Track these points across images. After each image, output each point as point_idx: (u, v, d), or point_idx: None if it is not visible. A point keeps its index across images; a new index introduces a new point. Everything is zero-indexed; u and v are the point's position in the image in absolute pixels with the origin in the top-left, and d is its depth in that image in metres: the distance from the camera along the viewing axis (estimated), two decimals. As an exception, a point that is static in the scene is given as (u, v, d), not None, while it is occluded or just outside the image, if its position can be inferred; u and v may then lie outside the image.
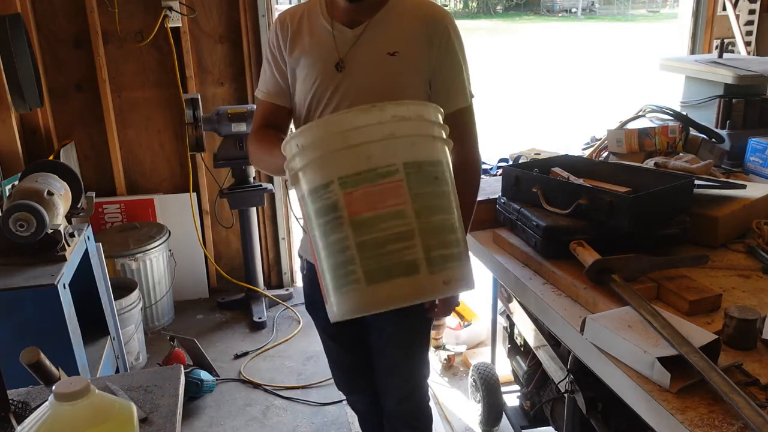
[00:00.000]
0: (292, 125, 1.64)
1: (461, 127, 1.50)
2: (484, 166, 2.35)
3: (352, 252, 1.04)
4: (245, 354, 3.06)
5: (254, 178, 3.32)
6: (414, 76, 1.50)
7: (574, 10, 26.58)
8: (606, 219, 1.49)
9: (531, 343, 2.03)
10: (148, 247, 3.17)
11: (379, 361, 1.70)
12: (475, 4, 29.46)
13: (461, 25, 1.51)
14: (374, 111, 1.07)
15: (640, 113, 2.52)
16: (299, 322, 3.34)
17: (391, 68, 1.48)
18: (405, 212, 1.05)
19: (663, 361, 1.08)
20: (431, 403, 1.80)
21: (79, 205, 2.34)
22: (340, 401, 2.65)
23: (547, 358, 1.87)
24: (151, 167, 3.47)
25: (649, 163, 2.01)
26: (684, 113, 2.45)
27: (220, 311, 3.49)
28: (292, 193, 3.51)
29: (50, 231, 2.00)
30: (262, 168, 1.65)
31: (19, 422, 1.09)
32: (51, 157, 3.06)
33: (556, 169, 1.76)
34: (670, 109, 2.44)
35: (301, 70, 1.52)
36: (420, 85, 1.50)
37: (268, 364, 3.00)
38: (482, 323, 3.00)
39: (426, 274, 1.05)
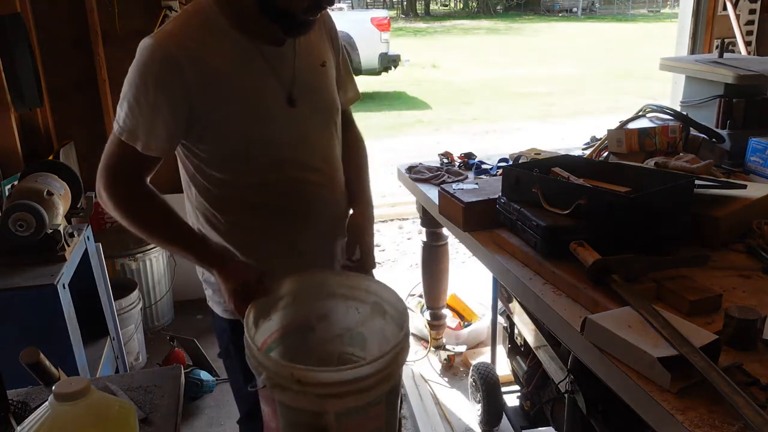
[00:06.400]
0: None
1: (351, 112, 1.57)
2: (484, 166, 2.37)
3: None
4: (245, 354, 3.05)
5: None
6: (335, 83, 1.41)
7: (574, 9, 26.60)
8: (606, 219, 1.49)
9: (531, 343, 2.03)
10: (148, 247, 3.17)
11: None
12: (475, 4, 29.49)
13: (461, 24, 1.50)
14: (383, 359, 1.06)
15: (640, 113, 2.52)
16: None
17: (326, 81, 1.37)
18: (381, 429, 1.14)
19: (663, 361, 1.08)
20: (432, 404, 1.79)
21: (78, 205, 2.34)
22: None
23: (547, 358, 1.87)
24: (151, 167, 3.47)
25: (649, 163, 2.01)
26: (684, 113, 2.45)
27: (220, 311, 3.48)
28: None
29: (50, 231, 2.00)
30: (138, 229, 1.33)
31: (18, 422, 1.08)
32: (51, 157, 3.06)
33: (556, 169, 1.76)
34: (670, 109, 2.44)
35: (230, 113, 1.23)
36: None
37: (268, 364, 2.99)
38: (482, 323, 3.00)
39: None
